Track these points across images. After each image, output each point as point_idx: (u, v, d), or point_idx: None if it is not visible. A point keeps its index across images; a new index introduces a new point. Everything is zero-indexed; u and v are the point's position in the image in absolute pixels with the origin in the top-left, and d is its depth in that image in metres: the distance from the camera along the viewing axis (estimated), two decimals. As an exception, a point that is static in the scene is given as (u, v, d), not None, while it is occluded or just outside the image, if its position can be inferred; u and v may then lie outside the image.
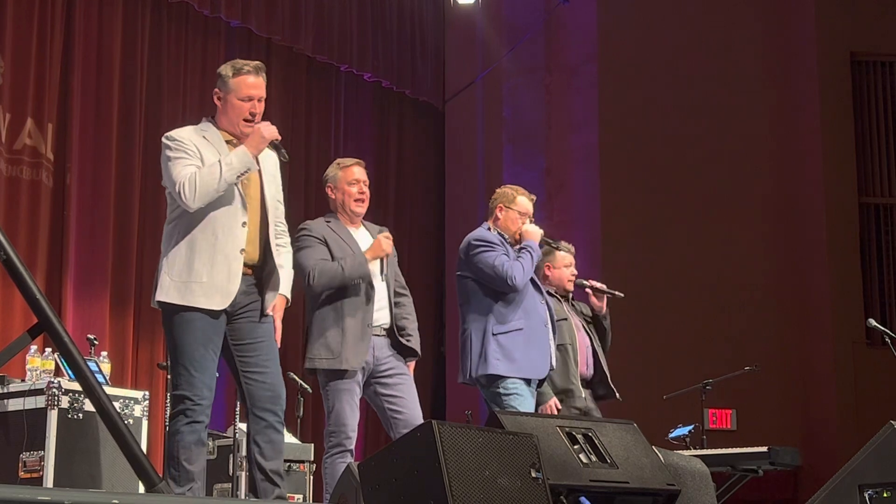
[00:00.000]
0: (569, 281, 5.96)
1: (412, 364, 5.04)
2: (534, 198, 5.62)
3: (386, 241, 4.93)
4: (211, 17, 8.78)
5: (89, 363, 4.80)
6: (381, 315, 4.88)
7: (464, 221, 9.45)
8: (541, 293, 5.43)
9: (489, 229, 5.47)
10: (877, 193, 10.50)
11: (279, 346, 4.34)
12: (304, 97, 9.68)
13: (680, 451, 5.70)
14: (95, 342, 6.05)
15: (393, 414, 4.82)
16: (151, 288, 7.87)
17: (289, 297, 4.40)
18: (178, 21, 8.63)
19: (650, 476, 4.03)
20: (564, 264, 5.94)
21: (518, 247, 5.40)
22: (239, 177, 4.16)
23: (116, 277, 7.86)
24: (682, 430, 7.15)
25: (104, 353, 6.14)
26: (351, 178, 4.99)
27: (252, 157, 4.19)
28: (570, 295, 6.08)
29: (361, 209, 5.02)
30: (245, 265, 4.19)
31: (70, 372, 5.11)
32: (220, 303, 4.12)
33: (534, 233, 5.45)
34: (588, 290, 6.03)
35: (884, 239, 10.45)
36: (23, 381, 5.61)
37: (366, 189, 5.01)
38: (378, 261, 4.92)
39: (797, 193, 10.27)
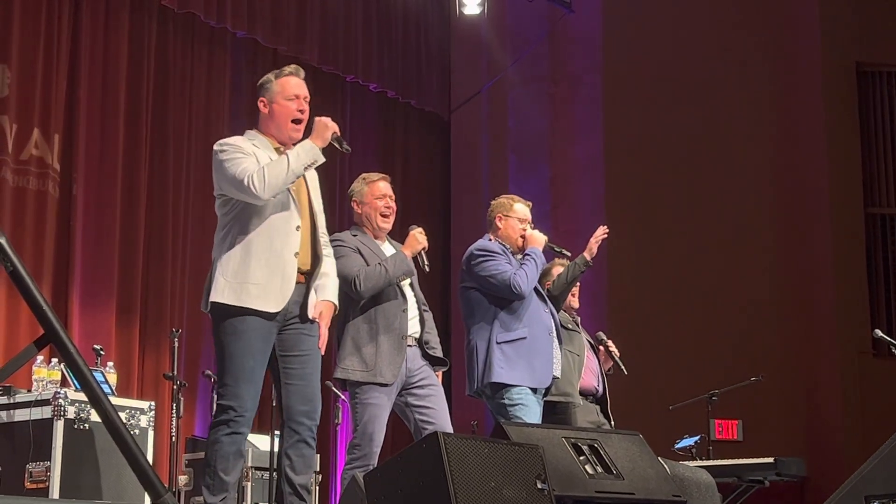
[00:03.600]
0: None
1: (440, 373, 5.01)
2: (530, 204, 5.60)
3: (420, 235, 4.93)
4: (217, 28, 8.80)
5: (95, 373, 4.80)
6: (412, 324, 4.87)
7: (469, 231, 9.43)
8: (545, 302, 5.43)
9: (490, 240, 5.47)
10: (883, 204, 10.49)
11: (323, 353, 4.28)
12: (309, 107, 9.65)
13: (686, 462, 5.70)
14: (101, 352, 6.06)
15: (423, 424, 4.77)
16: (157, 297, 8.09)
17: (336, 303, 4.35)
18: (184, 31, 8.65)
19: (656, 487, 4.02)
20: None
21: (522, 254, 5.41)
22: (306, 168, 4.12)
23: (122, 288, 7.87)
24: (688, 441, 7.14)
25: (110, 364, 6.15)
26: (378, 193, 4.99)
27: (318, 149, 4.16)
28: (579, 319, 6.16)
29: (387, 224, 5.01)
30: (298, 271, 4.14)
31: (76, 382, 5.12)
32: (274, 305, 4.06)
33: (538, 239, 5.44)
34: (602, 347, 6.17)
35: (890, 249, 10.43)
36: (29, 391, 5.62)
37: (392, 204, 5.01)
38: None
39: (803, 203, 10.25)
